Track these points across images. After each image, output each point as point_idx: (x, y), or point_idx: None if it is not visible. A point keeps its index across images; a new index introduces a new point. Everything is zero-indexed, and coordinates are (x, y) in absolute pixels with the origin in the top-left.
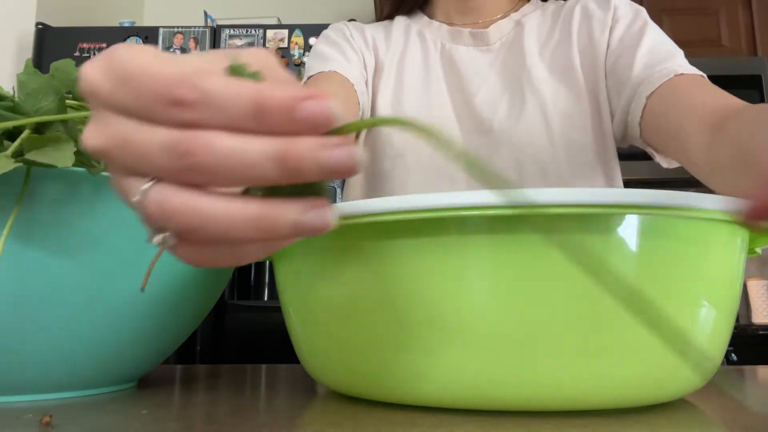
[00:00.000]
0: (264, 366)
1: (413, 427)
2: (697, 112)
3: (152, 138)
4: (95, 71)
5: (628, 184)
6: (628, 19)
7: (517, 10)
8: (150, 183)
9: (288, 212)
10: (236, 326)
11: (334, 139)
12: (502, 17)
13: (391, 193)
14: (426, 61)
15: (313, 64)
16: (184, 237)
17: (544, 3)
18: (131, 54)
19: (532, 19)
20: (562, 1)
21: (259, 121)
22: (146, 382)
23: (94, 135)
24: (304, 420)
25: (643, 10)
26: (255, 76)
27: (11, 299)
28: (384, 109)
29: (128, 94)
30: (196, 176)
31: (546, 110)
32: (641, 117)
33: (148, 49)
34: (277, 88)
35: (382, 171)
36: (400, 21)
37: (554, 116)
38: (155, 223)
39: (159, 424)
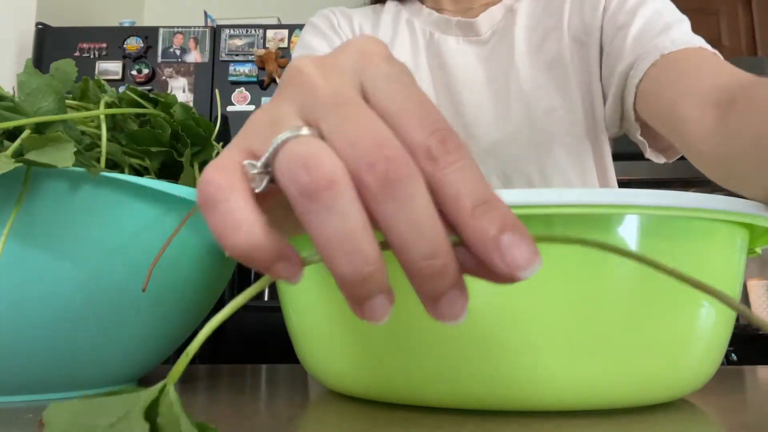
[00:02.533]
0: (264, 366)
1: (413, 427)
2: (695, 93)
3: (369, 128)
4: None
5: (628, 184)
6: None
7: None
8: (310, 132)
9: None
10: (236, 326)
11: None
12: (494, 3)
13: None
14: (414, 54)
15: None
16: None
17: None
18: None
19: (524, 4)
20: None
21: (472, 216)
22: (146, 382)
23: (341, 80)
24: (304, 420)
25: None
26: None
27: (11, 299)
28: None
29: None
30: (364, 191)
31: (533, 114)
32: (634, 104)
33: None
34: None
35: None
36: (390, 6)
37: (542, 119)
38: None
39: None
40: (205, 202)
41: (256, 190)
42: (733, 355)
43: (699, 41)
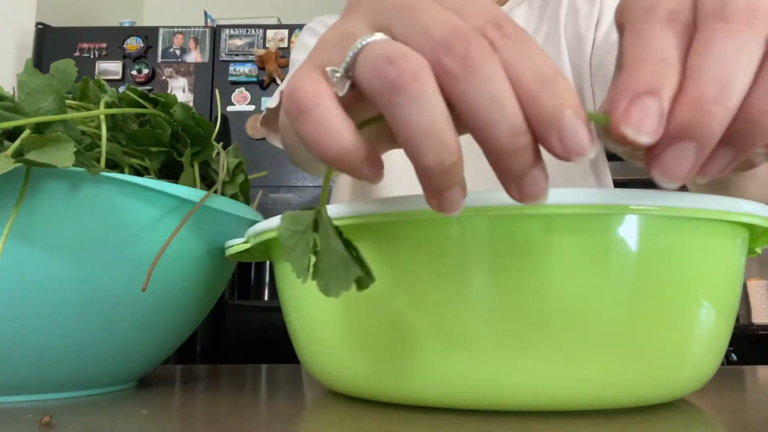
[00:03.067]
0: (264, 366)
1: (413, 427)
2: None
3: (442, 18)
4: None
5: (628, 184)
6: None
7: (503, 4)
8: (385, 36)
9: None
10: (236, 326)
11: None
12: None
13: (377, 195)
14: None
15: (301, 58)
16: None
17: None
18: None
19: (520, 12)
20: None
21: (535, 94)
22: (146, 382)
23: None
24: (304, 420)
25: None
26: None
27: (11, 299)
28: None
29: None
30: (445, 75)
31: None
32: None
33: None
34: (567, 88)
35: None
36: None
37: None
38: (368, 66)
39: (159, 424)
40: (296, 108)
41: (339, 94)
42: (733, 355)
43: None
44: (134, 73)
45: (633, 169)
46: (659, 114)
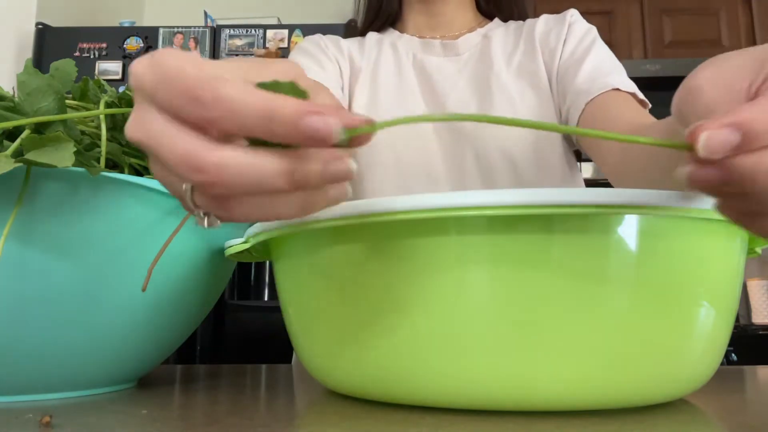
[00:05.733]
0: (264, 366)
1: (413, 427)
2: (617, 127)
3: (174, 145)
4: (142, 67)
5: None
6: (579, 35)
7: (482, 26)
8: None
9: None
10: (236, 326)
11: (335, 152)
12: (469, 31)
13: (367, 195)
14: (399, 68)
15: None
16: (223, 210)
17: (505, 23)
18: (172, 56)
19: (498, 33)
20: (521, 21)
21: (269, 129)
22: (146, 382)
23: (134, 128)
24: (304, 420)
25: (593, 29)
26: (303, 94)
27: (11, 299)
28: (360, 112)
29: (164, 90)
30: (209, 188)
31: (515, 107)
32: (577, 124)
33: (189, 54)
34: (288, 101)
35: (357, 171)
36: (372, 36)
37: (523, 113)
38: (204, 209)
39: (159, 424)
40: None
41: (218, 225)
42: (733, 355)
43: (633, 87)
44: None
45: None
46: (731, 148)
